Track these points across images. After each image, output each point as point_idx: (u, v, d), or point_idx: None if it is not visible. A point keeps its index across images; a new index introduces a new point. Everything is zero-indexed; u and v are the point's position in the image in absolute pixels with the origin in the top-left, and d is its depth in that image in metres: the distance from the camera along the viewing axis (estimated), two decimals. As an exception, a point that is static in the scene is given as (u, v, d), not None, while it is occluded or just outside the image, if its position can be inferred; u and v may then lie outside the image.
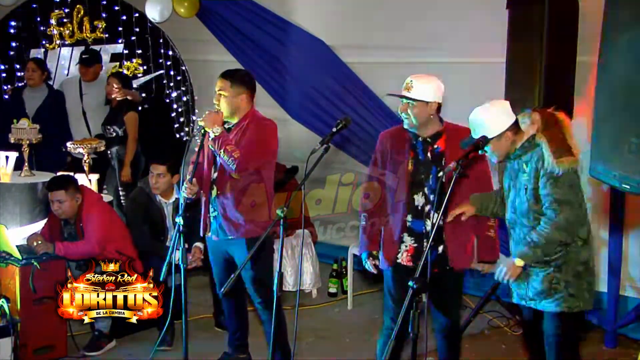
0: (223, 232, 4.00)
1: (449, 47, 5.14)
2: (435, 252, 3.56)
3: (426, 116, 3.49)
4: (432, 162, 3.53)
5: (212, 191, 4.00)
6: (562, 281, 3.22)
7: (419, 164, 3.54)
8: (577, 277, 3.21)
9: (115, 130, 5.97)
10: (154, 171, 4.74)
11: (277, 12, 6.07)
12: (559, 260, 3.22)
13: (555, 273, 3.22)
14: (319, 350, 4.66)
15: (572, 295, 3.21)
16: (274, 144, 4.02)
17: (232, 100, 3.90)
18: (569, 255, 3.21)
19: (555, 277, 3.22)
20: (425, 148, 3.54)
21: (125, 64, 7.08)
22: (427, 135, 3.54)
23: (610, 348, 4.62)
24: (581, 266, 3.22)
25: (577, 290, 3.22)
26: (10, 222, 4.99)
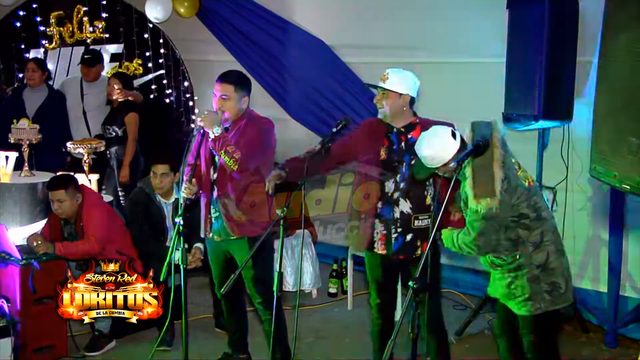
0: (225, 232, 3.99)
1: (449, 47, 5.14)
2: (402, 239, 3.65)
3: (399, 108, 3.60)
4: (405, 150, 3.62)
5: (212, 192, 4.00)
6: (519, 287, 3.25)
7: (393, 152, 3.64)
8: (533, 281, 3.22)
9: (114, 131, 5.97)
10: (157, 171, 4.73)
11: (277, 12, 6.07)
12: (511, 266, 3.25)
13: (512, 279, 3.27)
14: (319, 350, 4.66)
15: (529, 299, 3.23)
16: (273, 142, 4.04)
17: (237, 104, 3.90)
18: (520, 261, 3.22)
19: (513, 283, 3.27)
20: (399, 138, 3.64)
21: (125, 64, 7.08)
22: (400, 126, 3.64)
23: (610, 348, 4.62)
24: (537, 269, 3.22)
25: (534, 294, 3.22)
26: (10, 222, 4.99)
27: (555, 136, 4.66)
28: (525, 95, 4.35)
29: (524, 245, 3.22)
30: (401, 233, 3.64)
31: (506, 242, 3.20)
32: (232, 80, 3.91)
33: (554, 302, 3.25)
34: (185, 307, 3.66)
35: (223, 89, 3.89)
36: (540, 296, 3.22)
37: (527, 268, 3.23)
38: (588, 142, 3.26)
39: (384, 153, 3.66)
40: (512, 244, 3.22)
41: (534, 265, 3.22)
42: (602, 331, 4.68)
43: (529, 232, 3.21)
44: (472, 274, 5.42)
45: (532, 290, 3.22)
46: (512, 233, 3.20)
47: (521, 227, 3.20)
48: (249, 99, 3.99)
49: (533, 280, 3.22)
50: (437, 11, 5.20)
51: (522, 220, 3.19)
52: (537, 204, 3.22)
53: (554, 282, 3.23)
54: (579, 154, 4.50)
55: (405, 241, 3.65)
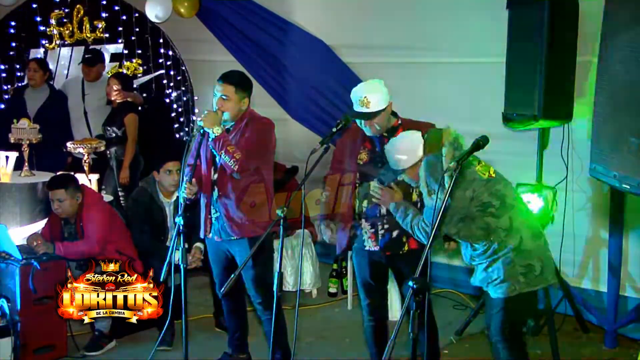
0: (225, 232, 3.99)
1: (449, 47, 5.14)
2: (389, 236, 3.72)
3: (386, 119, 3.70)
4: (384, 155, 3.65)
5: (213, 192, 4.00)
6: (495, 270, 3.35)
7: (376, 154, 3.72)
8: (507, 264, 3.32)
9: (114, 131, 5.97)
10: (172, 168, 4.71)
11: (277, 12, 6.07)
12: (488, 253, 3.36)
13: (488, 263, 3.38)
14: (319, 350, 4.66)
15: (504, 281, 3.32)
16: (273, 142, 4.04)
17: (237, 105, 3.91)
18: (494, 246, 3.33)
19: (489, 266, 3.37)
20: (381, 141, 3.71)
21: (125, 64, 7.08)
22: (385, 130, 3.72)
23: (610, 348, 4.62)
24: (511, 252, 3.31)
25: (509, 275, 3.31)
26: (10, 222, 4.99)
27: (555, 136, 4.66)
28: (525, 95, 4.35)
29: (496, 232, 3.32)
30: (387, 229, 3.72)
31: (478, 231, 3.32)
32: (233, 81, 3.91)
33: (528, 284, 3.33)
34: (185, 307, 3.66)
35: (224, 89, 3.89)
36: (515, 278, 3.31)
37: (502, 252, 3.33)
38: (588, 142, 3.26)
39: (366, 156, 3.74)
40: (484, 232, 3.32)
41: (508, 249, 3.32)
42: (602, 331, 4.68)
43: (496, 219, 3.31)
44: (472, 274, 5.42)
45: (507, 273, 3.32)
46: (481, 222, 3.31)
47: (487, 215, 3.31)
48: (249, 100, 3.99)
49: (508, 263, 3.32)
50: (437, 11, 5.20)
51: (488, 209, 3.31)
52: (499, 192, 3.33)
53: (529, 264, 3.32)
54: (579, 154, 4.50)
55: (392, 237, 3.72)
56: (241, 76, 4.05)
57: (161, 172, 4.76)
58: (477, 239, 3.37)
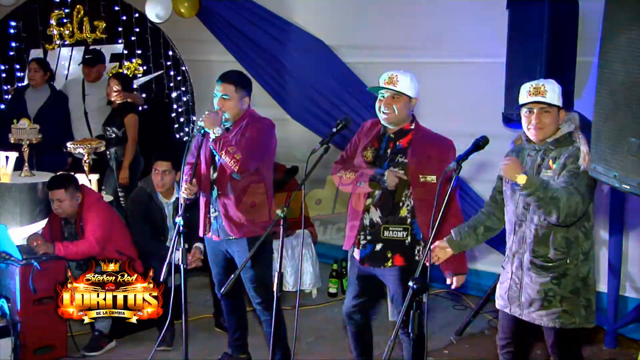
0: (224, 232, 4.00)
1: (449, 47, 5.14)
2: (371, 248, 3.57)
3: (406, 112, 3.54)
4: (388, 158, 3.55)
5: (212, 191, 4.00)
6: (558, 295, 3.10)
7: (378, 157, 3.58)
8: (574, 293, 3.10)
9: (114, 132, 5.97)
10: (159, 168, 4.74)
11: (277, 12, 6.07)
12: (557, 271, 3.10)
13: (553, 285, 3.11)
14: (319, 350, 4.66)
15: (566, 312, 3.10)
16: (273, 142, 4.04)
17: (237, 104, 3.91)
18: (568, 268, 3.10)
19: (552, 290, 3.11)
20: (388, 144, 3.58)
21: (125, 64, 7.08)
22: (394, 132, 3.57)
23: (610, 348, 4.62)
24: (580, 282, 3.10)
25: (572, 306, 3.10)
26: (10, 222, 4.99)
27: (555, 136, 4.65)
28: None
29: (576, 250, 3.10)
30: (370, 241, 3.57)
31: (562, 239, 3.09)
32: (233, 81, 3.92)
33: (587, 320, 3.13)
34: (185, 307, 3.66)
35: (224, 89, 3.89)
36: (577, 310, 3.09)
37: (572, 279, 3.10)
38: (588, 142, 3.25)
39: (370, 155, 3.61)
40: (565, 242, 3.09)
41: (579, 277, 3.10)
42: (602, 331, 4.68)
43: (584, 238, 3.11)
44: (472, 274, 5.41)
45: (570, 303, 3.09)
46: (572, 232, 3.09)
47: (580, 230, 3.10)
48: (250, 99, 3.99)
49: (574, 292, 3.10)
50: (437, 11, 5.19)
51: (584, 223, 3.10)
52: (593, 211, 3.15)
53: (590, 299, 3.13)
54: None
55: (374, 250, 3.57)
56: (240, 75, 4.05)
57: (152, 172, 4.79)
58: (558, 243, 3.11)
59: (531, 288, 3.16)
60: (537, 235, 3.13)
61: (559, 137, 3.13)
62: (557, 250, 3.10)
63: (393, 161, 3.52)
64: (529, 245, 3.16)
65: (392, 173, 3.46)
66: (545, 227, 3.11)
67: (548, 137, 3.15)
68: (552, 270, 3.11)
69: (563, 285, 3.10)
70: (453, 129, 4.86)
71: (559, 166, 3.08)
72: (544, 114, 3.13)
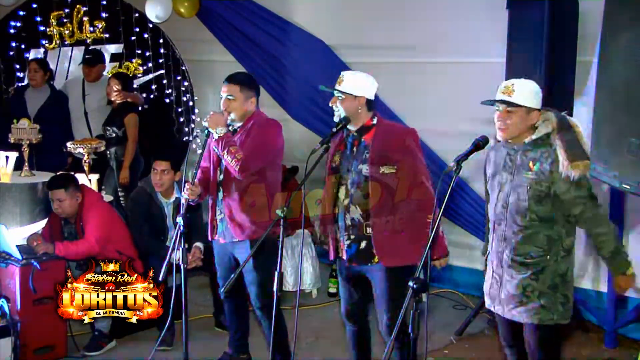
0: (229, 234, 3.98)
1: (449, 47, 5.14)
2: (356, 247, 3.56)
3: (354, 109, 3.52)
4: (355, 156, 3.55)
5: (218, 193, 3.99)
6: (537, 290, 3.11)
7: (344, 158, 3.59)
8: (552, 289, 3.12)
9: (114, 132, 5.98)
10: (157, 167, 4.74)
11: (277, 12, 6.07)
12: (537, 267, 3.12)
13: (531, 280, 3.12)
14: (319, 350, 4.66)
15: (544, 307, 3.11)
16: (278, 144, 4.01)
17: (243, 105, 3.90)
18: (548, 264, 3.11)
19: (530, 285, 3.12)
20: (353, 142, 3.58)
21: (125, 64, 7.08)
22: (355, 130, 3.57)
23: (610, 348, 4.62)
24: (558, 278, 3.12)
25: (550, 302, 3.11)
26: (10, 222, 4.99)
27: (555, 136, 4.65)
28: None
29: (557, 247, 3.11)
30: (354, 240, 3.55)
31: (544, 237, 3.10)
32: (238, 81, 3.91)
33: (563, 316, 3.15)
34: (185, 307, 3.66)
35: (229, 89, 3.89)
36: (556, 306, 3.12)
37: (551, 274, 3.11)
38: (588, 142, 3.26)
39: (337, 159, 3.61)
40: (547, 240, 3.11)
41: (557, 273, 3.11)
42: (602, 331, 4.68)
43: (567, 235, 3.13)
44: (472, 274, 5.42)
45: (548, 299, 3.11)
46: (555, 231, 3.11)
47: (564, 227, 3.12)
48: (256, 100, 3.98)
49: (553, 289, 3.12)
50: (437, 11, 5.19)
51: (569, 218, 3.12)
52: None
53: (567, 295, 3.15)
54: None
55: (359, 248, 3.55)
56: (246, 76, 4.06)
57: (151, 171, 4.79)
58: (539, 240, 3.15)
59: (510, 284, 3.18)
60: (520, 235, 3.14)
61: (536, 139, 3.11)
62: (539, 247, 3.12)
63: (360, 158, 3.51)
64: (510, 244, 3.17)
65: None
66: (530, 228, 3.12)
67: (514, 137, 3.14)
68: (532, 267, 3.13)
69: (541, 280, 3.12)
70: (453, 129, 4.90)
71: (542, 170, 3.07)
72: (507, 114, 3.11)
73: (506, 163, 3.20)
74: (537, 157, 3.10)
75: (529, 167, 3.12)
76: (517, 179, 3.15)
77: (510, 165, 3.18)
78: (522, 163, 3.14)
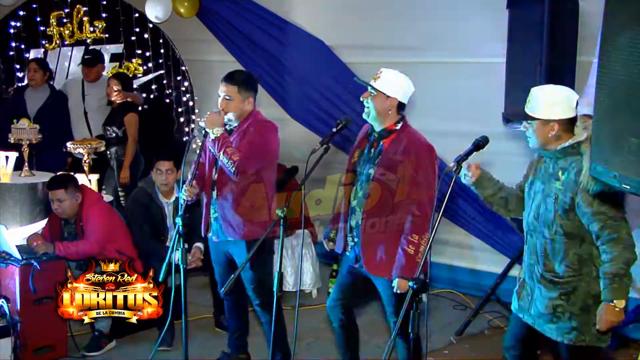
0: (223, 233, 3.99)
1: (449, 47, 5.14)
2: (358, 249, 3.55)
3: (384, 110, 3.47)
4: (369, 159, 3.52)
5: (213, 192, 4.00)
6: (567, 312, 2.98)
7: (361, 157, 3.56)
8: (584, 311, 2.96)
9: (114, 131, 5.98)
10: (162, 168, 4.74)
11: (277, 12, 6.07)
12: (567, 287, 2.98)
13: (561, 300, 2.99)
14: (319, 350, 4.66)
15: (575, 329, 2.97)
16: (274, 145, 4.00)
17: (240, 105, 3.90)
18: (580, 284, 2.96)
19: (561, 306, 2.99)
20: (372, 144, 3.54)
21: (125, 64, 7.08)
22: (378, 131, 3.52)
23: (610, 348, 4.61)
24: (591, 299, 2.95)
25: (582, 324, 2.97)
26: (10, 222, 4.99)
27: (555, 136, 4.65)
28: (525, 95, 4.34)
29: (589, 268, 2.97)
30: (357, 243, 3.54)
31: (574, 256, 2.97)
32: (236, 81, 3.90)
33: (599, 339, 2.99)
34: (185, 307, 3.66)
35: (227, 89, 3.88)
36: (588, 329, 2.96)
37: (583, 295, 2.97)
38: (588, 142, 3.25)
39: (357, 156, 3.58)
40: (578, 260, 2.97)
41: (590, 294, 2.96)
42: (602, 331, 4.67)
43: (599, 254, 2.94)
44: (472, 274, 5.42)
45: (580, 320, 2.97)
46: (585, 249, 2.97)
47: (594, 246, 2.95)
48: (254, 100, 3.97)
49: (585, 310, 2.96)
50: (437, 11, 5.20)
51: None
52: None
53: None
54: (579, 154, 4.49)
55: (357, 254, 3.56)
56: (244, 76, 4.02)
57: (154, 172, 4.78)
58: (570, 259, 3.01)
59: (540, 302, 3.07)
60: (547, 249, 3.04)
61: (566, 146, 3.00)
62: (569, 267, 2.99)
63: (374, 162, 3.49)
64: (540, 257, 3.07)
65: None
66: (557, 242, 3.01)
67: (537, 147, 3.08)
68: (561, 287, 3.00)
69: (572, 301, 2.98)
70: (453, 129, 4.90)
71: (569, 181, 2.96)
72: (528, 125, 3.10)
73: (540, 171, 3.12)
74: (566, 167, 2.99)
75: (558, 176, 3.02)
76: (547, 188, 3.05)
77: (544, 174, 3.09)
78: (553, 172, 3.04)
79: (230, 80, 3.90)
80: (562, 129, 3.00)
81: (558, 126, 3.00)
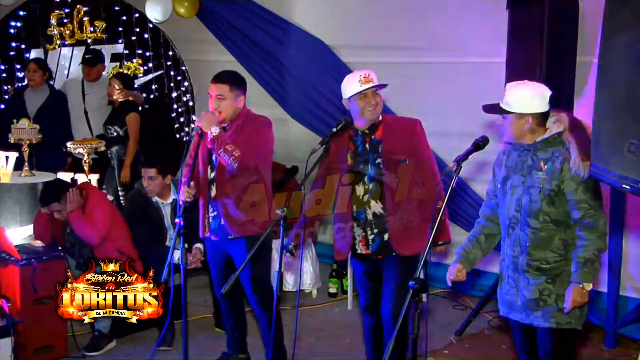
0: (223, 231, 3.99)
1: (449, 47, 5.14)
2: (380, 240, 3.65)
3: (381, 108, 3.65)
4: (370, 151, 3.63)
5: (210, 191, 4.00)
6: (554, 294, 3.09)
7: (358, 155, 3.65)
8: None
9: (115, 131, 5.98)
10: (144, 174, 4.75)
11: (277, 12, 6.07)
12: (554, 272, 3.09)
13: (548, 284, 3.10)
14: (319, 351, 4.66)
15: (560, 311, 3.07)
16: (271, 140, 4.05)
17: (233, 103, 3.92)
18: (566, 268, 3.07)
19: (547, 289, 3.10)
20: (364, 140, 3.65)
21: (125, 64, 7.08)
22: (365, 128, 3.65)
23: (610, 348, 4.62)
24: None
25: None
26: (10, 222, 4.99)
27: (555, 136, 4.65)
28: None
29: (573, 250, 3.07)
30: (377, 234, 3.65)
31: (559, 241, 3.08)
32: (227, 80, 3.93)
33: (579, 321, 3.12)
34: (185, 307, 3.67)
35: (218, 89, 3.90)
36: (573, 310, 3.06)
37: (567, 277, 3.06)
38: (591, 142, 3.25)
39: (350, 158, 3.67)
40: (563, 244, 3.09)
41: None
42: (602, 331, 4.68)
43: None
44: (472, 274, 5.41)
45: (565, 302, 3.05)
46: (570, 234, 3.09)
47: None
48: (245, 98, 4.00)
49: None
50: (437, 11, 5.19)
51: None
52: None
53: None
54: (579, 154, 4.49)
55: (383, 240, 3.65)
56: (233, 74, 4.05)
57: None
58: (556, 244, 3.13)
59: (527, 290, 3.15)
60: (534, 239, 3.10)
61: (548, 137, 3.11)
62: (555, 253, 3.09)
63: (375, 153, 3.61)
64: (524, 248, 3.13)
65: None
66: (544, 231, 3.09)
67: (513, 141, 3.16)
68: (548, 272, 3.10)
69: (558, 283, 3.09)
70: (453, 129, 4.90)
71: (553, 170, 3.06)
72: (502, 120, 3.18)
73: (518, 165, 3.18)
74: (549, 157, 3.09)
75: (540, 167, 3.10)
76: (529, 180, 3.12)
77: (522, 167, 3.16)
78: (533, 164, 3.12)
79: (220, 79, 3.93)
80: (536, 123, 3.12)
81: (532, 120, 3.11)
